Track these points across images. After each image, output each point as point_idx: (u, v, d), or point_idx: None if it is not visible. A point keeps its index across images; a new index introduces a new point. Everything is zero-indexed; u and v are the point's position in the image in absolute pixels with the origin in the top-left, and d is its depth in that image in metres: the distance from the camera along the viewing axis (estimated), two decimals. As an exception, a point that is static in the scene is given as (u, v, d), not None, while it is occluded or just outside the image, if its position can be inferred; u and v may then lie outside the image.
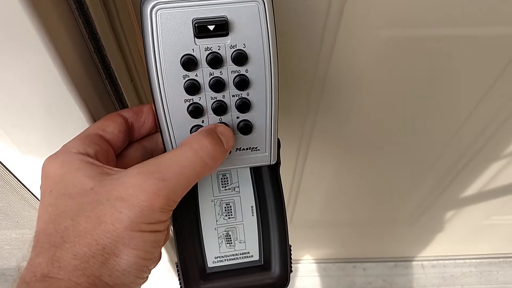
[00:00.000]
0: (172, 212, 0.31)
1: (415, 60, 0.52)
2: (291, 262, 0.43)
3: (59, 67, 0.31)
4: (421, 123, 0.65)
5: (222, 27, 0.30)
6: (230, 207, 0.43)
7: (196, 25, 0.30)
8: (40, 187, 0.31)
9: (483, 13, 0.45)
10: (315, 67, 0.51)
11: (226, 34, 0.31)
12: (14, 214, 0.64)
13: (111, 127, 0.34)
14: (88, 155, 0.31)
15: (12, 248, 0.79)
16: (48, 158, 0.31)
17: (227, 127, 0.35)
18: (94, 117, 0.37)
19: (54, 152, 0.32)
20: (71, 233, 0.27)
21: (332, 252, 1.29)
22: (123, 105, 0.42)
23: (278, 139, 0.38)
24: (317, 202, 0.94)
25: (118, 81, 0.39)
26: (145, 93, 0.48)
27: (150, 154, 0.39)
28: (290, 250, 0.43)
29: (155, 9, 0.29)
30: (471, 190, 0.90)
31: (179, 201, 0.30)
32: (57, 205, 0.29)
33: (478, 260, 1.33)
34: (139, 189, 0.28)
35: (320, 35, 0.47)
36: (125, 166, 0.33)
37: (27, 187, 0.53)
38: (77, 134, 0.38)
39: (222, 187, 0.42)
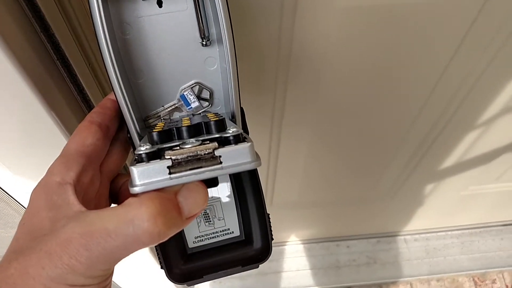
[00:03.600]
0: (106, 275, 0.28)
1: (379, 28, 0.51)
2: (271, 231, 0.42)
3: (4, 50, 0.30)
4: (390, 93, 0.65)
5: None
6: None
7: None
8: None
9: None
10: (278, 42, 0.51)
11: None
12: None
13: (89, 139, 0.33)
14: (71, 182, 0.30)
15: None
16: (36, 186, 0.31)
17: (200, 185, 0.29)
18: (47, 100, 0.36)
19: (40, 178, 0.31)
20: (1, 274, 0.26)
21: (315, 232, 1.30)
22: (78, 86, 0.41)
23: (242, 108, 0.38)
24: (295, 183, 0.94)
25: (70, 61, 0.38)
26: (103, 74, 0.47)
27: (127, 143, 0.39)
28: (269, 218, 0.42)
29: None
30: (447, 161, 0.91)
31: (111, 267, 0.27)
32: (18, 241, 0.28)
33: (459, 232, 1.35)
34: (65, 250, 0.25)
35: (279, 8, 0.46)
36: (110, 168, 0.35)
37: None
38: (32, 122, 0.37)
39: None
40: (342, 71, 0.59)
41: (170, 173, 0.27)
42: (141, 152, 0.28)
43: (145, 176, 0.27)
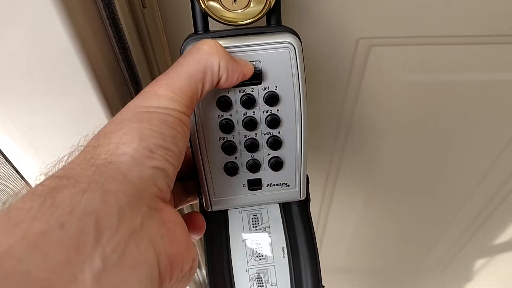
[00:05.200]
0: (189, 111, 0.29)
1: (441, 104, 0.53)
2: None
3: (103, 106, 0.34)
4: (447, 166, 0.66)
5: (256, 77, 0.32)
6: (261, 248, 0.43)
7: None
8: None
9: (504, 60, 0.47)
10: (341, 108, 0.53)
11: (260, 83, 0.33)
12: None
13: None
14: None
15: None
16: None
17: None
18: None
19: None
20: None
21: (358, 300, 1.26)
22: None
23: (307, 175, 0.39)
24: (342, 247, 0.93)
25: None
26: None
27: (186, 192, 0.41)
28: None
29: None
30: (501, 236, 0.88)
31: (186, 94, 0.28)
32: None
33: (511, 312, 1.27)
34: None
35: (346, 79, 0.49)
36: None
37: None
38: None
39: (253, 227, 0.42)
40: (399, 143, 0.60)
41: None
42: None
43: None
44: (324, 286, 0.42)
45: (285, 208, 0.43)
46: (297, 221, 0.43)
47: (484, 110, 0.54)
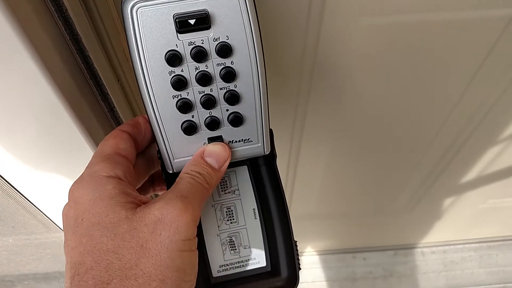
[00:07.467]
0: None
1: (402, 46, 0.52)
2: (298, 260, 0.41)
3: (41, 70, 0.31)
4: (412, 109, 0.65)
5: (203, 21, 0.30)
6: (232, 211, 0.41)
7: (177, 20, 0.29)
8: (67, 213, 0.31)
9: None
10: (302, 56, 0.51)
11: (208, 28, 0.30)
12: (9, 220, 0.64)
13: (122, 144, 0.34)
14: (119, 177, 0.31)
15: (9, 253, 0.79)
16: (75, 182, 0.31)
17: (217, 144, 0.36)
18: (80, 117, 0.37)
19: (79, 176, 0.32)
20: (117, 267, 0.27)
21: (331, 243, 1.29)
22: (109, 105, 0.42)
23: (271, 129, 0.38)
24: (314, 193, 0.94)
25: (103, 80, 0.39)
26: (132, 91, 0.48)
27: (152, 164, 0.40)
28: (296, 247, 0.41)
29: (135, 7, 0.29)
30: (467, 175, 0.90)
31: (199, 216, 0.32)
32: (92, 236, 0.28)
33: (477, 245, 1.33)
34: (171, 208, 0.29)
35: (305, 23, 0.47)
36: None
37: (20, 191, 0.52)
38: (65, 139, 0.38)
39: (222, 191, 0.41)
40: (364, 87, 0.59)
41: None
42: None
43: None
44: (296, 241, 0.42)
45: (253, 169, 0.42)
46: (266, 181, 0.42)
47: (444, 49, 0.53)
